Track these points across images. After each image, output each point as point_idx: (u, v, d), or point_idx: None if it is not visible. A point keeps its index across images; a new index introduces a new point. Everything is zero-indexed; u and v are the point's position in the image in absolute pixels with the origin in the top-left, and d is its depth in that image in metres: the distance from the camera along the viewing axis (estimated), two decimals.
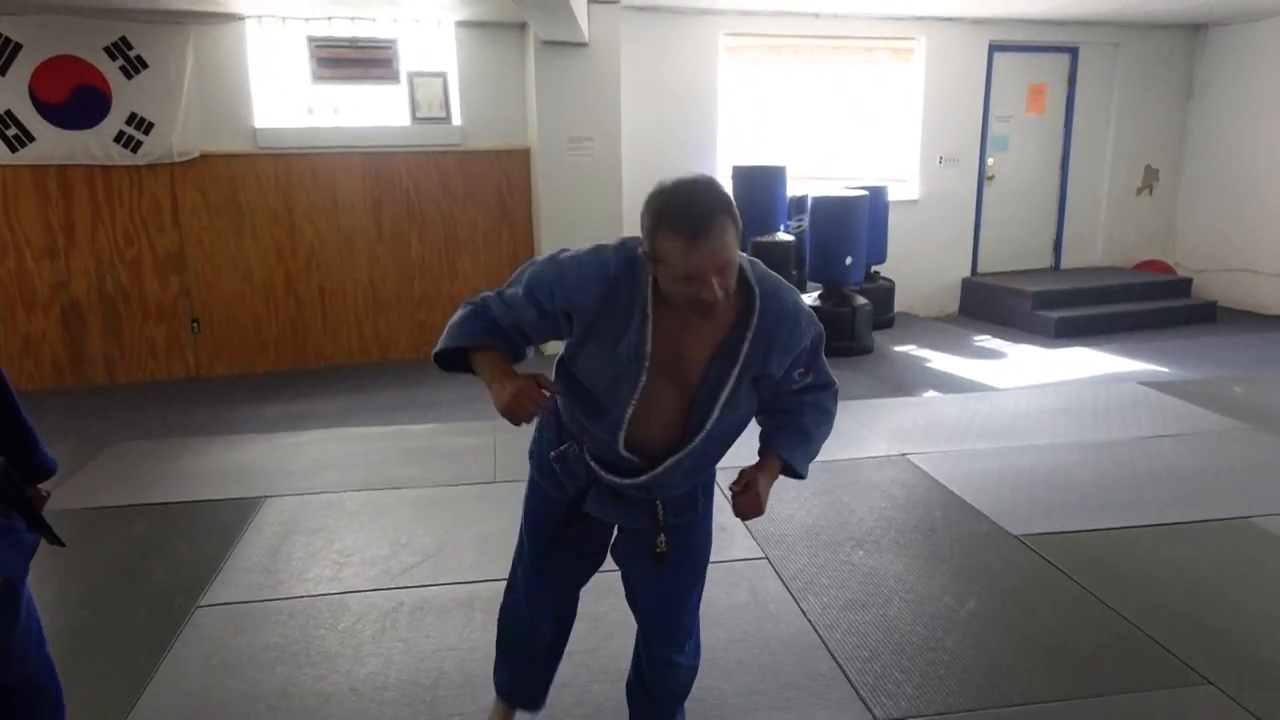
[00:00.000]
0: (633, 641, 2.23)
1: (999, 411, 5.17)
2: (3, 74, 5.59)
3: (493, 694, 2.40)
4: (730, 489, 1.89)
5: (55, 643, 2.14)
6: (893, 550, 3.47)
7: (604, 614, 2.99)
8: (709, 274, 1.55)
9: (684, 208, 1.56)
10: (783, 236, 6.44)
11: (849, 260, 6.51)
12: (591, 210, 6.43)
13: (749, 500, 1.86)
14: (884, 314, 7.31)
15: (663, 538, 1.92)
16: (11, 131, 5.69)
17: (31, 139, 5.72)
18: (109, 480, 4.28)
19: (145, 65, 5.84)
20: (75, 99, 5.76)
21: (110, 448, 4.70)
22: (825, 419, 1.95)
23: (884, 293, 7.39)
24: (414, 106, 6.38)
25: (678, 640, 2.11)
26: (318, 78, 6.19)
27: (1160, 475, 4.16)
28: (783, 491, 4.02)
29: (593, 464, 1.87)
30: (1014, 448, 4.55)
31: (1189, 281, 7.99)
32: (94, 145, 5.84)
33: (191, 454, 4.63)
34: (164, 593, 3.19)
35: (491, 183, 6.57)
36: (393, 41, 6.27)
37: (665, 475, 1.82)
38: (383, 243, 6.53)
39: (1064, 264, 8.41)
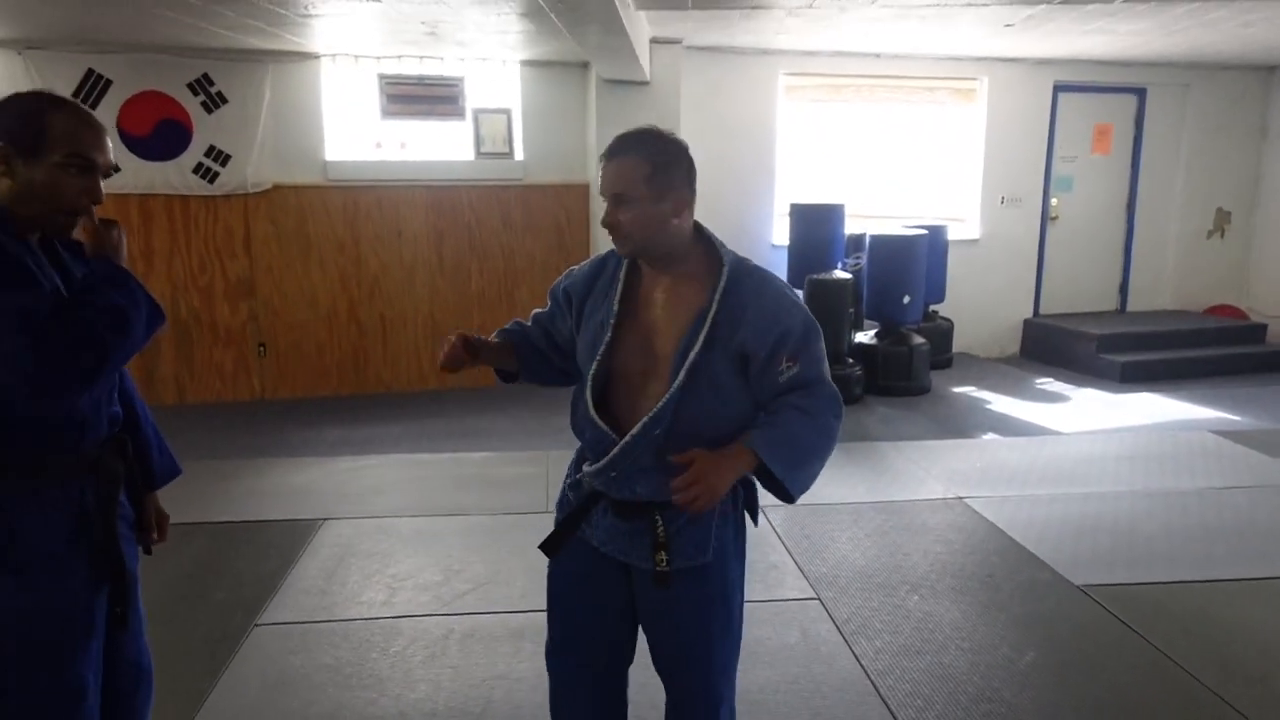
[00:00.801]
0: None
1: (1061, 457, 5.04)
2: (94, 108, 5.88)
3: None
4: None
5: None
6: (949, 596, 3.40)
7: None
8: (606, 197, 1.73)
9: (617, 135, 1.76)
10: (840, 274, 6.41)
11: (907, 299, 6.45)
12: None
13: (690, 474, 1.63)
14: (942, 354, 7.20)
15: (663, 555, 1.77)
16: None
17: (117, 169, 5.98)
18: (174, 497, 4.39)
19: (225, 100, 6.10)
20: (159, 132, 6.04)
21: None
22: (812, 423, 1.73)
23: (942, 332, 7.29)
24: (478, 142, 6.53)
25: (708, 705, 1.89)
26: (387, 113, 6.39)
27: (1232, 528, 4.01)
28: (835, 531, 3.98)
29: (585, 466, 1.82)
30: (1076, 494, 4.43)
31: (1263, 328, 7.72)
32: (174, 176, 6.10)
33: (254, 474, 4.75)
34: (223, 610, 3.27)
35: (551, 216, 6.68)
36: (459, 79, 6.45)
37: (635, 448, 1.72)
38: (444, 274, 6.67)
39: (1130, 307, 8.20)
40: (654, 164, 1.69)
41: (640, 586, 1.85)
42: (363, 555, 3.75)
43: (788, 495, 1.74)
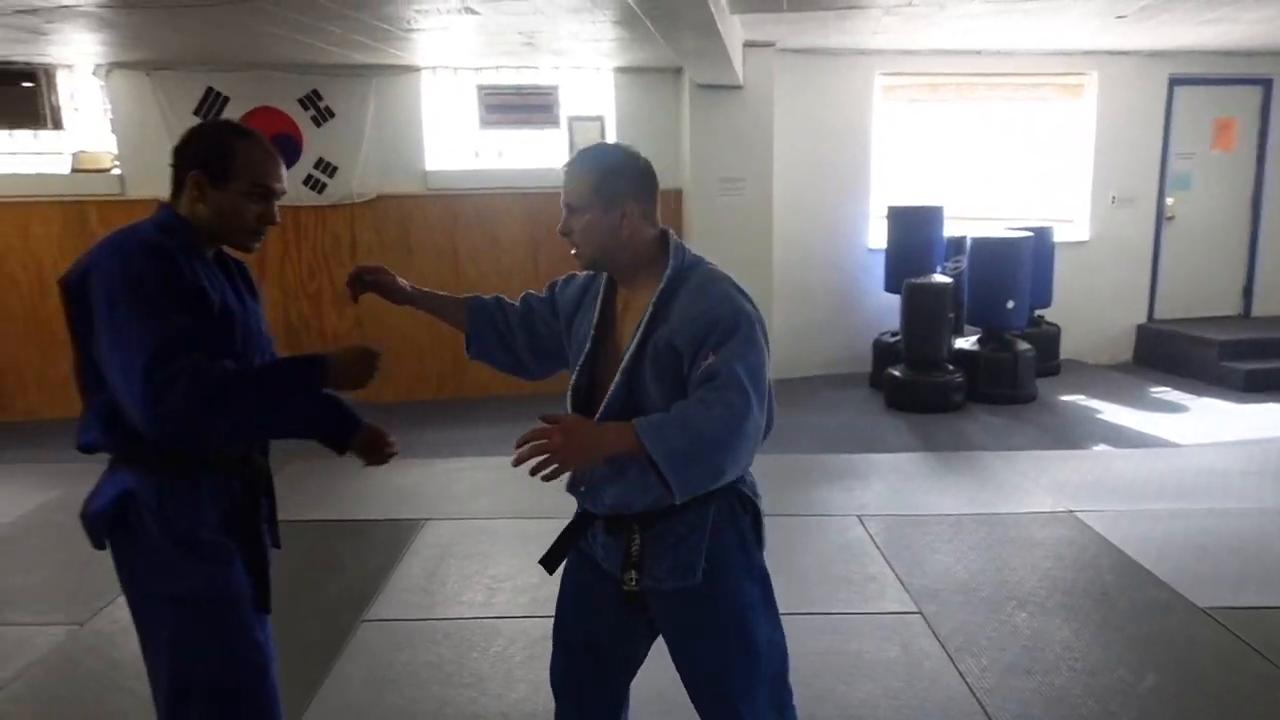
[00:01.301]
0: None
1: (1180, 470, 4.78)
2: None
3: None
4: None
5: None
6: (1059, 613, 3.26)
7: None
8: (564, 206, 1.80)
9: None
10: (939, 278, 6.24)
11: (1011, 304, 6.22)
12: (741, 250, 6.43)
13: (540, 430, 1.60)
14: (1049, 360, 6.92)
15: (633, 574, 1.74)
16: None
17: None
18: (285, 496, 4.57)
19: (333, 114, 6.34)
20: (273, 145, 6.31)
21: (289, 465, 5.05)
22: (706, 413, 1.58)
23: (1049, 338, 7.01)
24: (572, 149, 6.62)
25: None
26: (485, 123, 6.53)
27: None
28: (937, 543, 3.87)
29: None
30: (1198, 510, 4.19)
31: None
32: (286, 187, 6.36)
33: (360, 475, 4.90)
34: (332, 606, 3.39)
35: None
36: (554, 88, 6.54)
37: None
38: (539, 281, 6.67)
39: (1255, 311, 7.71)
40: (601, 174, 1.76)
41: (651, 605, 1.80)
42: (462, 556, 3.84)
43: (669, 488, 1.57)
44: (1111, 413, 6.02)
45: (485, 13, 4.55)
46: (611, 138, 6.62)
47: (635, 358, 1.72)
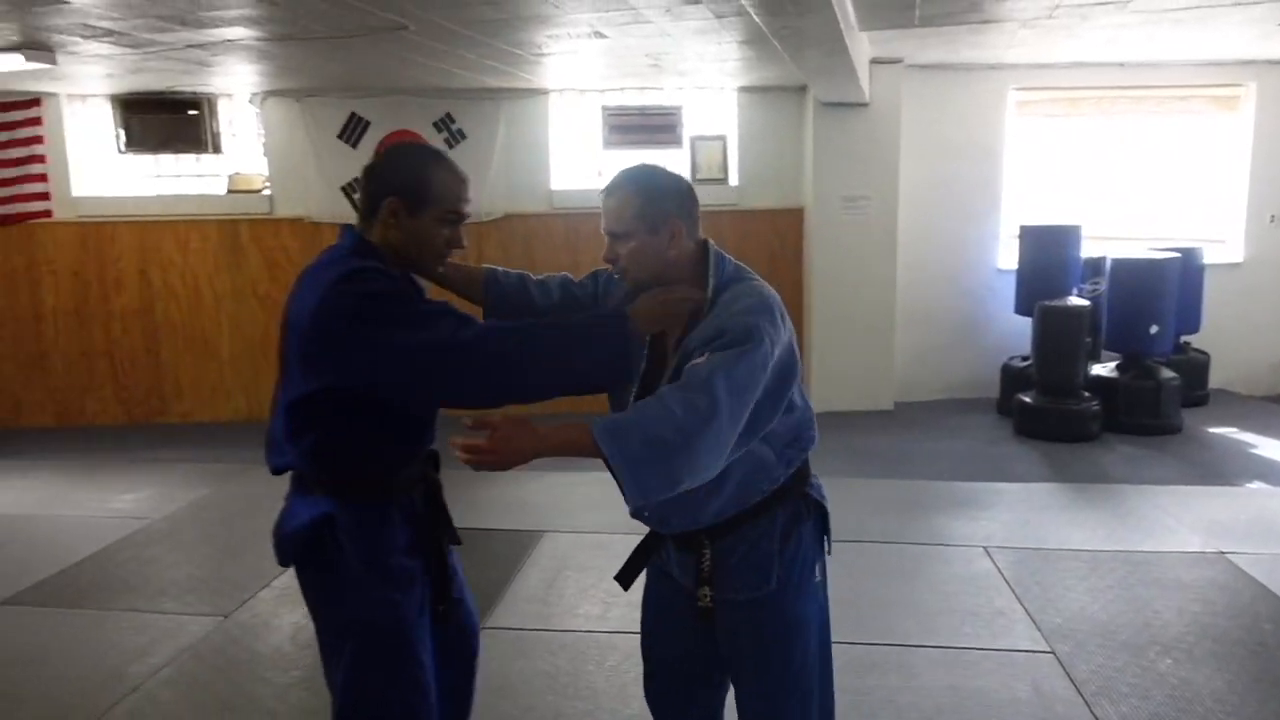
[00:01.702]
0: None
1: None
2: (354, 146, 6.56)
3: None
4: None
5: None
6: (1209, 663, 3.03)
7: (869, 689, 2.88)
8: (606, 234, 1.77)
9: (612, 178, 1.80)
10: (1076, 301, 5.94)
11: (1155, 329, 5.86)
12: (864, 269, 6.33)
13: (491, 422, 1.57)
14: (1196, 390, 6.48)
15: (706, 590, 1.78)
16: (358, 195, 6.62)
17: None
18: None
19: (464, 136, 6.60)
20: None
21: None
22: (668, 415, 1.53)
23: (1197, 366, 6.56)
24: (694, 168, 6.65)
25: None
26: (609, 143, 6.66)
27: None
28: (1071, 580, 3.67)
29: None
30: None
31: None
32: None
33: (480, 485, 5.04)
34: None
35: (764, 241, 6.67)
36: (678, 108, 6.61)
37: None
38: None
39: None
40: (645, 198, 1.75)
41: (720, 617, 1.82)
42: (578, 569, 3.89)
43: (623, 490, 1.54)
44: (1267, 447, 5.58)
45: (613, 36, 4.64)
46: (734, 157, 6.63)
47: (676, 373, 1.71)
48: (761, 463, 1.75)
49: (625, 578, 1.97)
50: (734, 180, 6.65)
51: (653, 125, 6.61)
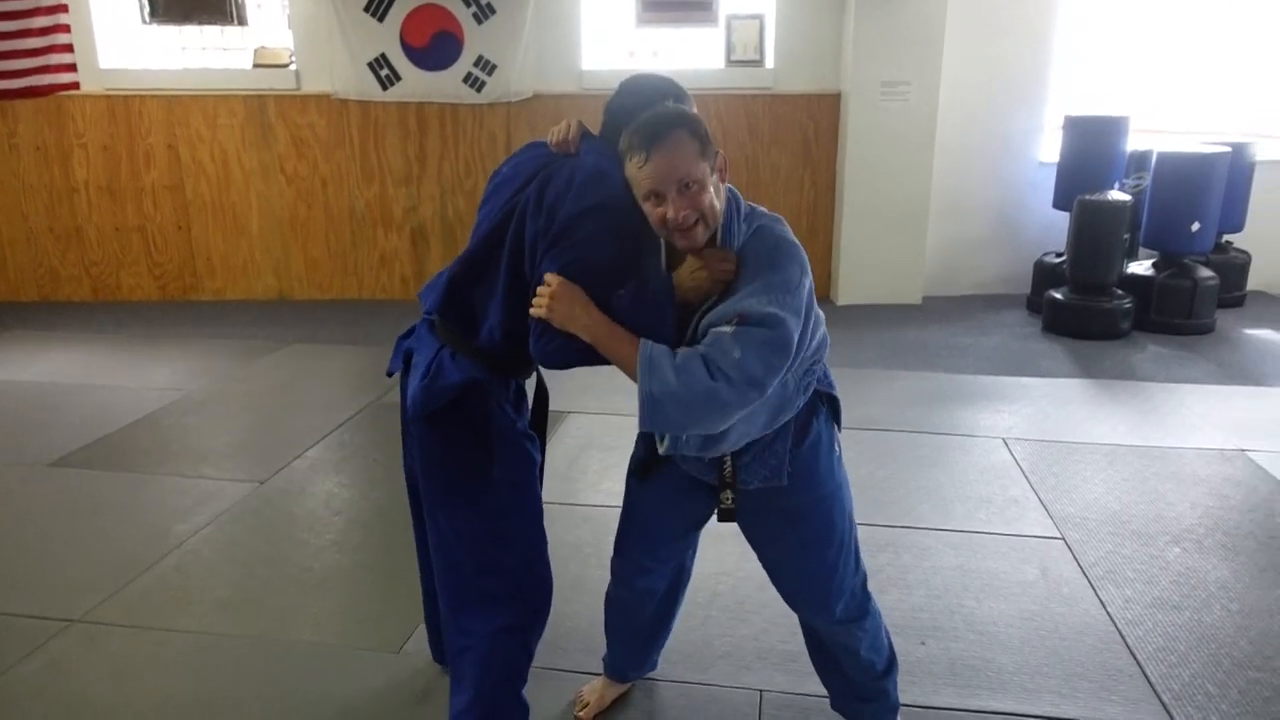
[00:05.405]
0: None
1: None
2: (380, 20, 6.39)
3: (757, 622, 2.47)
4: None
5: (388, 535, 2.51)
6: (1217, 553, 3.09)
7: (881, 567, 2.97)
8: (667, 191, 1.59)
9: (640, 125, 1.63)
10: (1116, 195, 5.77)
11: (1196, 226, 5.71)
12: (900, 159, 6.18)
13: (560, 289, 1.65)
14: (1233, 291, 6.36)
15: (729, 494, 1.84)
16: (384, 72, 6.51)
17: (399, 78, 6.51)
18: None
19: (494, 11, 6.39)
20: (435, 43, 6.46)
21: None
22: (703, 380, 1.56)
23: (1236, 267, 6.42)
24: (729, 49, 6.44)
25: (818, 605, 1.97)
26: (642, 21, 6.43)
27: None
28: (1088, 471, 3.72)
29: None
30: None
31: None
32: (447, 85, 6.53)
33: None
34: None
35: (798, 127, 6.51)
36: None
37: None
38: None
39: None
40: (691, 129, 1.63)
41: (739, 504, 1.88)
42: (603, 448, 3.99)
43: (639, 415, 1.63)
44: None
45: None
46: (770, 37, 6.39)
47: (699, 328, 1.67)
48: (781, 402, 1.74)
49: (644, 472, 2.03)
50: (769, 63, 6.43)
51: (687, 2, 6.36)
